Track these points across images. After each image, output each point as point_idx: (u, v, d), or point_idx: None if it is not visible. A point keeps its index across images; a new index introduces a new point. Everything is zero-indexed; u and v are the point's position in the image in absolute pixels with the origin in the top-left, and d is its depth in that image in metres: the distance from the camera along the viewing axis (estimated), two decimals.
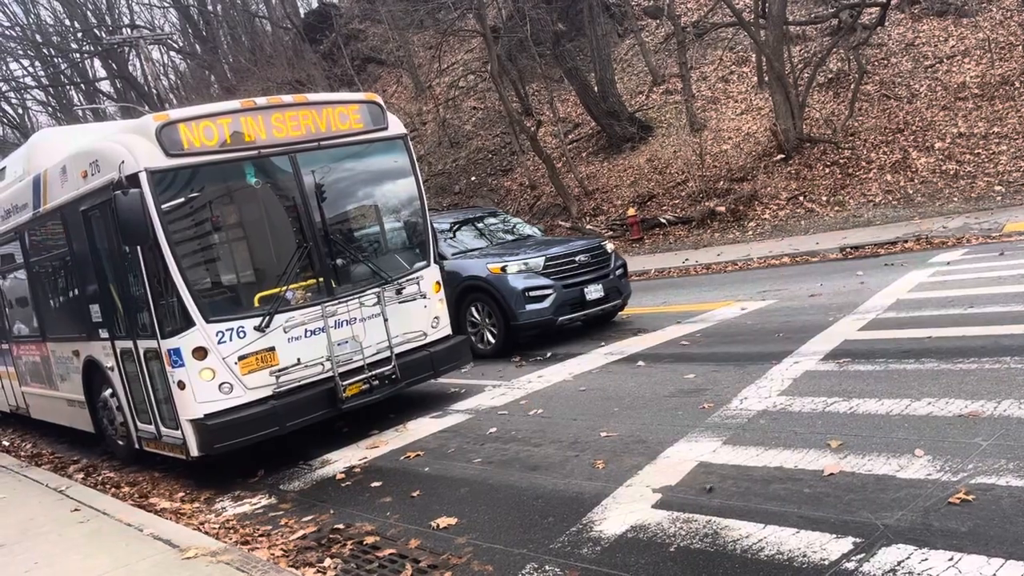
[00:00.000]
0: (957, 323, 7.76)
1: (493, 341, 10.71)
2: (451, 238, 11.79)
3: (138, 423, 7.87)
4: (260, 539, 5.70)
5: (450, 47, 33.27)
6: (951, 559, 3.65)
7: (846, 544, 3.98)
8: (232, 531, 5.97)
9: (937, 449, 4.87)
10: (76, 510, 6.65)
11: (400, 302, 7.99)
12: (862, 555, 3.85)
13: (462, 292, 10.80)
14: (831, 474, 4.83)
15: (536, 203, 24.99)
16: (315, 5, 44.47)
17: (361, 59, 37.53)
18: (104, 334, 8.02)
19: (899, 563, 3.71)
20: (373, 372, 7.64)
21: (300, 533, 5.72)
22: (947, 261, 11.19)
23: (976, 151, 16.77)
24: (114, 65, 46.53)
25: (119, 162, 6.72)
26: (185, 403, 6.86)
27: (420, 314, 8.24)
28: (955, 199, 15.80)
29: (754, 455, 5.39)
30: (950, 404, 5.60)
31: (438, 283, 8.55)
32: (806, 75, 20.38)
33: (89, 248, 7.90)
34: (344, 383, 7.41)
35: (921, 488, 4.41)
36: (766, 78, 21.16)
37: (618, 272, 11.27)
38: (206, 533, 5.90)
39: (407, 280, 8.11)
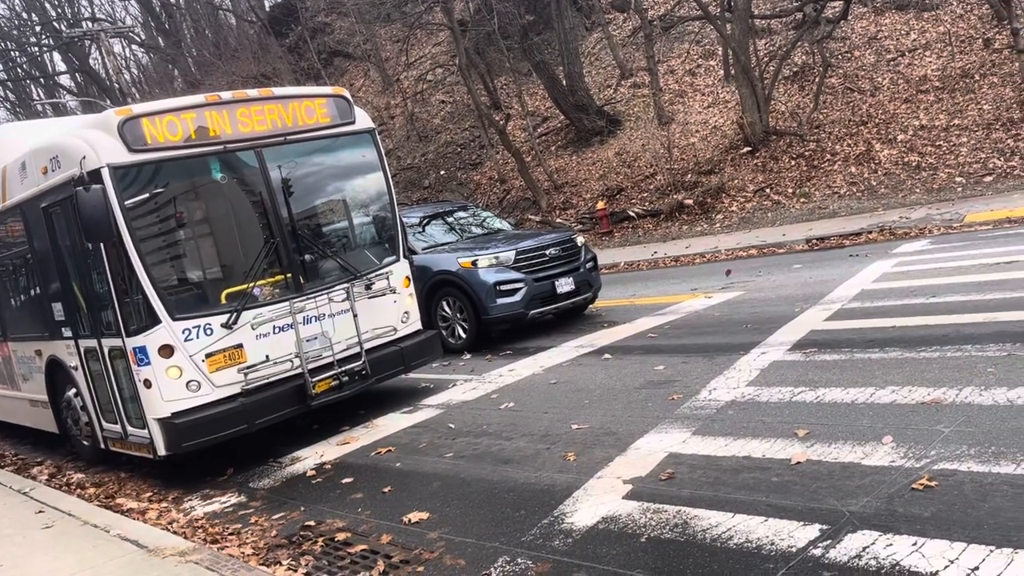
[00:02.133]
0: (920, 313, 7.91)
1: (464, 336, 10.70)
2: (421, 233, 11.74)
3: (103, 423, 7.74)
4: (230, 538, 5.64)
5: (417, 40, 33.08)
6: (915, 544, 3.72)
7: (813, 531, 4.04)
8: (201, 530, 5.91)
9: (901, 436, 4.96)
10: (41, 512, 6.53)
11: (369, 297, 7.94)
12: (829, 541, 3.91)
13: (433, 287, 10.77)
14: (798, 463, 4.90)
15: (506, 197, 24.98)
16: None
17: (327, 53, 37.17)
18: (67, 333, 7.87)
19: (864, 548, 3.78)
20: (343, 368, 7.58)
21: (271, 531, 5.68)
22: (910, 251, 11.39)
23: (937, 143, 17.07)
24: (74, 59, 45.65)
25: (80, 157, 6.60)
26: (152, 402, 6.76)
27: (390, 309, 8.19)
28: (917, 190, 16.07)
29: (723, 445, 5.45)
30: (913, 392, 5.71)
31: (408, 278, 8.52)
32: (772, 68, 20.59)
33: (51, 246, 7.74)
34: (313, 380, 7.35)
35: (886, 475, 4.49)
36: (732, 71, 21.35)
37: (588, 265, 11.31)
38: (175, 533, 5.83)
39: (376, 275, 8.07)
